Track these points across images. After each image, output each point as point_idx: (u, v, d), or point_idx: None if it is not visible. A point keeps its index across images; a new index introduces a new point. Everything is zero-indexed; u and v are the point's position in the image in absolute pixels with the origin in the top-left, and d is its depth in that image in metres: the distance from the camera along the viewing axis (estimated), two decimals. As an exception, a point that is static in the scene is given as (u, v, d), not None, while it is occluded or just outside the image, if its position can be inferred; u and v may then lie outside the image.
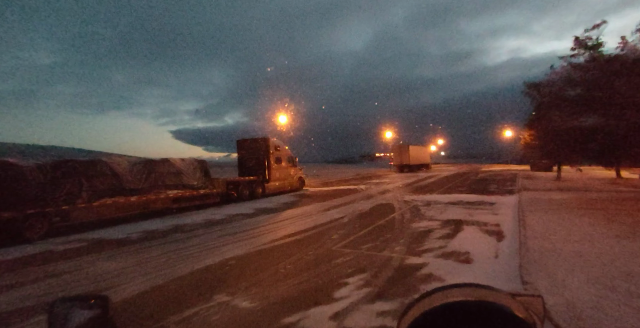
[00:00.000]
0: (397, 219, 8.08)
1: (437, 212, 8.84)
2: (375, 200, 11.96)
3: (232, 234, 7.04)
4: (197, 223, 8.45)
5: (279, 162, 15.65)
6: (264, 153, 14.87)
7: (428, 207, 9.88)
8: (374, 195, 13.36)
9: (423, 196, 12.66)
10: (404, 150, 35.24)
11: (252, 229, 7.49)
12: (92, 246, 6.25)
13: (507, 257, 4.69)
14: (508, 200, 10.75)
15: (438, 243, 5.73)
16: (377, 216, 8.60)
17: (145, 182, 9.15)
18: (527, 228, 6.13)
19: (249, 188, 13.44)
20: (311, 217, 8.87)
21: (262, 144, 14.99)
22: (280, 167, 15.72)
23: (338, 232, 6.87)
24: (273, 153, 15.15)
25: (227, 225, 8.12)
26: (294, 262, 4.96)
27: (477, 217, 7.97)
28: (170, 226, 8.07)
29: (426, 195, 13.09)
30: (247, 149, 15.18)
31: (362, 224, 7.61)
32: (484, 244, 5.50)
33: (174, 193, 9.78)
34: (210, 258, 5.26)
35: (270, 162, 14.90)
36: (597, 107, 8.11)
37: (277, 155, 15.52)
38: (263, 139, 15.05)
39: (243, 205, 11.74)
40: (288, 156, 16.46)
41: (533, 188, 13.42)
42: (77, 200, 7.25)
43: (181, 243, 6.28)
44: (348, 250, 5.47)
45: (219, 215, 9.69)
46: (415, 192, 14.11)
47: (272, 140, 15.31)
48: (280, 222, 8.26)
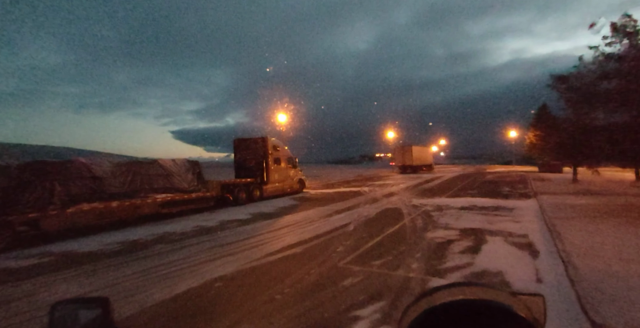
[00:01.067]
0: (409, 227, 7.24)
1: (451, 219, 8.00)
2: (381, 204, 11.12)
3: (223, 245, 6.20)
4: (185, 231, 7.61)
5: (278, 163, 14.82)
6: (262, 153, 14.05)
7: (440, 212, 9.04)
8: (379, 199, 12.52)
9: (432, 200, 11.81)
10: (407, 150, 34.42)
11: (246, 239, 6.66)
12: (57, 262, 5.40)
13: (554, 281, 3.85)
14: (527, 205, 9.90)
15: (462, 259, 4.89)
16: (386, 223, 7.77)
17: (130, 185, 8.31)
18: (564, 242, 5.29)
19: (245, 191, 12.60)
20: (313, 223, 8.04)
21: (260, 144, 14.16)
22: (280, 168, 14.89)
23: (343, 243, 6.03)
24: (272, 153, 14.32)
25: (218, 233, 7.28)
26: (294, 283, 4.13)
27: (498, 225, 7.13)
28: (154, 235, 7.23)
29: (435, 198, 12.25)
30: (244, 149, 14.36)
31: (370, 233, 6.78)
32: (517, 261, 4.66)
33: (162, 197, 8.94)
34: (193, 278, 4.42)
35: (269, 163, 14.07)
36: (634, 102, 7.25)
37: (276, 155, 14.69)
38: (261, 138, 14.22)
39: (239, 210, 10.90)
40: (288, 157, 15.64)
41: (550, 191, 12.57)
42: (48, 206, 6.41)
43: (163, 258, 5.44)
44: (357, 268, 4.64)
45: (212, 221, 8.85)
46: (422, 195, 13.27)
47: (271, 140, 14.49)
48: (278, 230, 7.42)
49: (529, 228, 6.72)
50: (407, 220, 8.08)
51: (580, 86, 9.21)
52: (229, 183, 11.81)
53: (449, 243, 5.79)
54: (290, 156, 15.96)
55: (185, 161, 10.31)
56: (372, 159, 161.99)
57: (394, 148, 36.47)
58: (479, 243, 5.70)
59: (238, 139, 14.59)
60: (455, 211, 9.18)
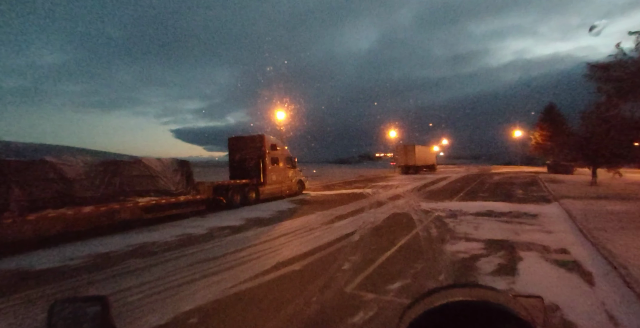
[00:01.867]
0: (423, 237, 6.31)
1: (470, 228, 7.07)
2: (387, 208, 10.20)
3: (208, 260, 5.27)
4: (167, 241, 6.68)
5: (276, 162, 13.89)
6: (258, 152, 13.12)
7: (455, 219, 8.11)
8: (384, 202, 11.59)
9: (442, 204, 10.88)
10: (410, 150, 33.48)
11: (236, 251, 5.72)
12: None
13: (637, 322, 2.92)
14: (550, 211, 8.96)
15: (498, 283, 3.96)
16: (396, 232, 6.84)
17: (108, 187, 7.37)
18: (619, 260, 4.36)
19: (240, 194, 11.67)
20: (313, 232, 7.11)
21: (256, 142, 13.23)
22: (278, 169, 13.96)
23: (349, 259, 5.11)
24: (269, 153, 13.39)
25: (204, 244, 6.35)
26: (288, 319, 3.20)
27: (527, 236, 6.19)
28: (130, 246, 6.28)
29: (445, 202, 11.32)
30: (240, 148, 13.42)
31: (380, 245, 5.85)
32: (570, 290, 3.73)
33: (145, 201, 8.00)
34: (162, 310, 3.49)
35: (266, 163, 13.15)
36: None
37: (274, 155, 13.76)
38: (258, 136, 13.29)
39: (232, 214, 9.97)
40: (286, 156, 14.71)
41: (571, 195, 11.63)
42: (2, 213, 5.48)
43: (132, 279, 4.50)
44: (369, 296, 3.71)
45: (200, 228, 7.91)
46: (431, 198, 12.33)
47: (269, 138, 13.56)
48: (274, 240, 6.49)
49: (566, 241, 5.79)
50: (420, 228, 7.15)
51: (622, 76, 8.25)
52: (221, 185, 10.87)
53: (475, 260, 4.86)
54: (289, 156, 15.04)
55: (173, 161, 9.37)
56: (372, 159, 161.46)
57: (396, 148, 35.53)
58: (512, 261, 4.77)
59: (233, 138, 13.66)
60: (471, 218, 8.25)
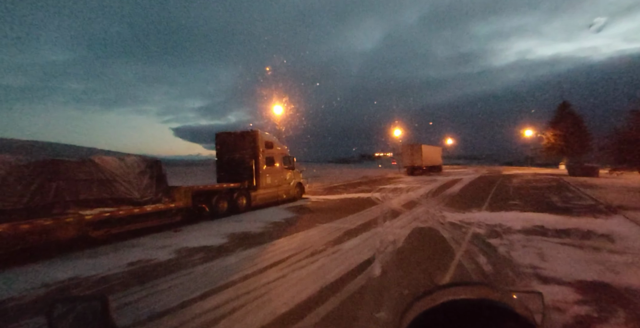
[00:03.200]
0: (473, 272, 4.39)
1: (532, 255, 5.14)
2: (406, 219, 8.28)
3: (151, 318, 3.35)
4: (108, 275, 4.74)
5: (272, 163, 11.97)
6: (251, 151, 11.19)
7: (501, 239, 6.18)
8: (399, 211, 9.68)
9: (472, 214, 8.96)
10: (416, 150, 31.55)
11: (201, 299, 3.80)
12: None
13: None
14: (621, 228, 6.96)
15: None
16: (429, 260, 4.94)
17: (39, 196, 5.45)
18: None
19: (227, 200, 9.76)
20: (316, 259, 5.20)
21: (248, 139, 11.31)
22: (273, 170, 12.04)
23: (374, 316, 3.20)
24: (263, 151, 11.47)
25: (159, 282, 4.41)
26: None
27: (633, 275, 4.25)
28: (43, 286, 4.34)
29: (474, 212, 9.40)
30: (229, 145, 11.50)
31: (414, 286, 3.94)
32: None
33: (94, 213, 6.07)
34: None
35: (260, 164, 11.23)
36: None
37: (269, 154, 11.84)
38: (250, 132, 11.36)
39: (214, 227, 8.05)
40: (283, 156, 12.79)
41: (630, 204, 9.65)
42: None
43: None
44: None
45: (165, 250, 5.98)
46: (454, 207, 10.41)
47: (263, 135, 11.64)
48: (260, 275, 4.57)
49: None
50: (460, 254, 5.23)
51: None
52: (203, 191, 8.93)
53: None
54: (287, 155, 13.12)
55: (138, 160, 7.41)
56: (372, 159, 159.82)
57: (402, 147, 33.57)
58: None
59: (221, 133, 11.72)
60: (522, 237, 6.32)
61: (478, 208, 9.94)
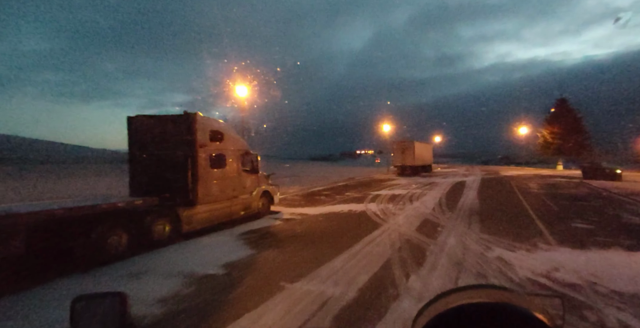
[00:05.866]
0: None
1: None
2: (442, 267, 4.51)
3: None
4: None
5: (221, 164, 7.91)
6: (184, 145, 7.09)
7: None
8: (419, 243, 5.91)
9: (546, 254, 5.32)
10: (408, 148, 28.15)
11: None
12: None
13: None
14: None
15: None
16: None
17: None
18: None
19: (131, 229, 5.67)
20: None
21: (181, 127, 7.17)
22: (225, 175, 8.00)
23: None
24: (206, 146, 7.39)
25: None
26: None
27: None
28: None
29: (542, 247, 5.76)
30: (149, 137, 7.33)
31: None
32: None
33: None
34: None
35: (200, 165, 7.15)
36: None
37: (217, 150, 7.78)
38: (184, 117, 7.20)
39: (63, 301, 3.95)
40: (241, 153, 8.76)
41: None
42: None
43: None
44: None
45: None
46: (498, 233, 6.76)
47: (206, 121, 7.52)
48: None
49: None
50: None
51: None
52: (58, 221, 4.70)
53: None
54: (247, 152, 9.09)
55: None
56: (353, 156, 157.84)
57: (392, 144, 30.07)
58: None
59: (137, 118, 7.46)
60: None
61: (540, 238, 6.35)
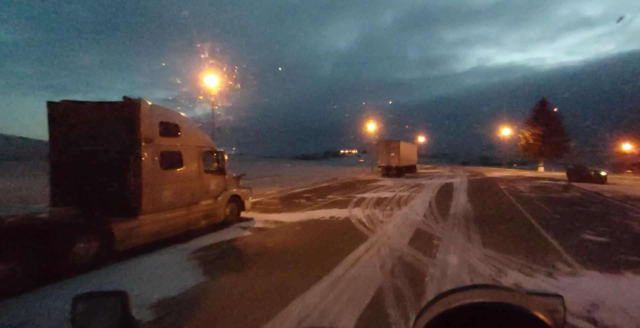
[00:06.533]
0: None
1: None
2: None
3: None
4: None
5: (176, 163, 6.48)
6: (123, 141, 5.61)
7: None
8: (416, 264, 4.74)
9: (570, 281, 4.29)
10: (393, 148, 27.33)
11: None
12: None
13: None
14: None
15: None
16: None
17: None
18: None
19: (26, 255, 4.17)
20: None
21: (122, 116, 5.68)
22: (181, 177, 6.57)
23: None
24: (155, 141, 5.93)
25: None
26: None
27: None
28: None
29: (564, 273, 4.75)
30: (79, 129, 5.79)
31: None
32: None
33: None
34: None
35: (143, 165, 5.68)
36: None
37: (171, 147, 6.34)
38: (125, 104, 5.70)
39: None
40: (203, 152, 7.33)
41: None
42: None
43: None
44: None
45: None
46: (505, 250, 5.71)
47: (154, 110, 6.04)
48: None
49: None
50: None
51: None
52: None
53: None
54: (212, 150, 7.67)
55: None
56: (337, 155, 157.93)
57: (377, 144, 29.18)
58: None
59: (63, 104, 5.90)
60: None
61: (556, 256, 5.34)
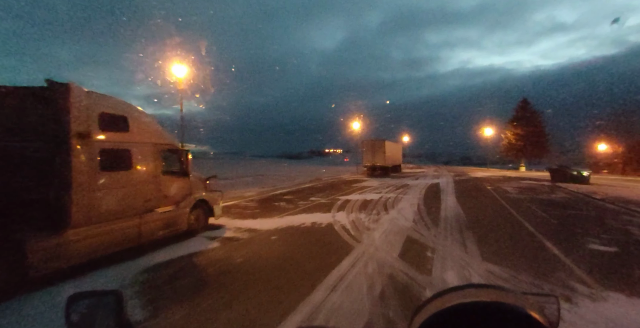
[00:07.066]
0: None
1: None
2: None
3: None
4: None
5: (120, 164, 5.33)
6: (47, 135, 4.43)
7: None
8: (405, 281, 3.86)
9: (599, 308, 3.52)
10: (378, 147, 26.69)
11: None
12: None
13: None
14: None
15: None
16: None
17: None
18: None
19: None
20: None
21: (43, 106, 4.49)
22: (127, 180, 5.42)
23: None
24: (89, 137, 4.76)
25: None
26: None
27: None
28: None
29: (580, 292, 3.99)
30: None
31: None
32: None
33: None
34: None
35: (74, 166, 4.51)
36: None
37: (113, 144, 5.18)
38: (47, 90, 4.51)
39: None
40: (161, 150, 6.19)
41: None
42: None
43: None
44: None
45: None
46: (511, 266, 4.94)
47: (87, 97, 4.86)
48: None
49: None
50: None
51: None
52: None
53: None
54: (173, 148, 6.55)
55: None
56: (322, 155, 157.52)
57: (363, 143, 28.48)
58: None
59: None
60: None
61: (567, 272, 4.59)
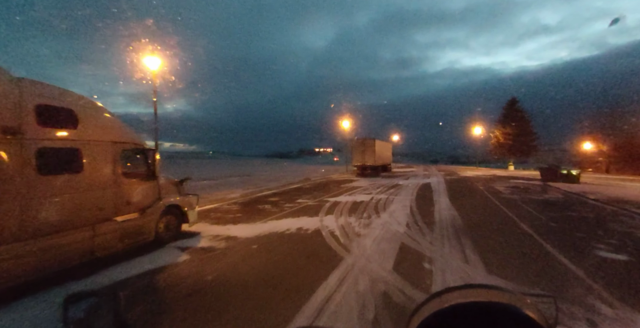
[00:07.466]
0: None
1: None
2: None
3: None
4: None
5: (66, 166, 4.52)
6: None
7: None
8: (401, 301, 3.23)
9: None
10: (369, 146, 26.20)
11: None
12: None
13: None
14: None
15: None
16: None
17: None
18: None
19: None
20: None
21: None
22: (74, 186, 4.61)
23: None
24: (22, 134, 3.95)
25: None
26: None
27: None
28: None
29: (602, 313, 3.46)
30: None
31: None
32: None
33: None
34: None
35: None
36: None
37: (56, 142, 4.37)
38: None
39: None
40: (122, 149, 5.38)
41: None
42: None
43: None
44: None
45: None
46: (506, 270, 4.39)
47: (18, 85, 4.04)
48: None
49: None
50: None
51: None
52: None
53: None
54: (136, 146, 5.75)
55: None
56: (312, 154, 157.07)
57: (352, 142, 27.96)
58: None
59: None
60: None
61: (580, 287, 4.07)
